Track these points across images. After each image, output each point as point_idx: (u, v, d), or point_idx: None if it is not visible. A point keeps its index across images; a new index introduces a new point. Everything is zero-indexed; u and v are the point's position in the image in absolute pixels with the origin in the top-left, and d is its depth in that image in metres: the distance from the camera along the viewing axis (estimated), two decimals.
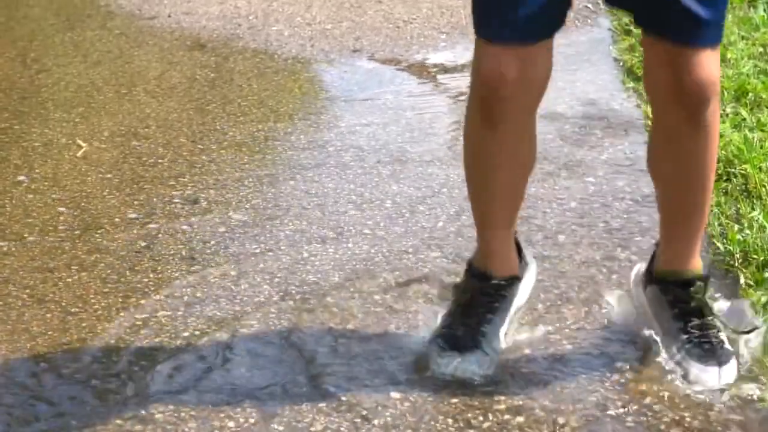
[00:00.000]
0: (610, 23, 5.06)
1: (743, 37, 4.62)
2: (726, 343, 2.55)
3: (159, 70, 4.78)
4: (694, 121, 2.42)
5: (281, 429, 2.41)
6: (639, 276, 2.71)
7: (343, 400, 2.49)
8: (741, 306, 2.68)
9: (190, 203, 3.49)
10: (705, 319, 2.57)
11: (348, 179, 3.63)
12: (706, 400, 2.45)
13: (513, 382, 2.54)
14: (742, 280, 2.87)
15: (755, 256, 2.95)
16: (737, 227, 3.10)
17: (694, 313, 2.57)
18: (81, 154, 3.88)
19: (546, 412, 2.44)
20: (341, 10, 5.56)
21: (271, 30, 5.28)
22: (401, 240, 3.21)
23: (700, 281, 2.59)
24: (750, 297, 2.76)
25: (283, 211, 3.42)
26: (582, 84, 4.42)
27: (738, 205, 3.25)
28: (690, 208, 2.55)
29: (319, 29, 5.28)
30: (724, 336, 2.57)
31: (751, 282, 2.86)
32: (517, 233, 2.69)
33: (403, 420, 2.43)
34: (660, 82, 2.41)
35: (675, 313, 2.58)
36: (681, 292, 2.58)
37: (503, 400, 2.48)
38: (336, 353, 2.67)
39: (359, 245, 3.19)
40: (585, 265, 3.03)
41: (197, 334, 2.77)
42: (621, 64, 4.59)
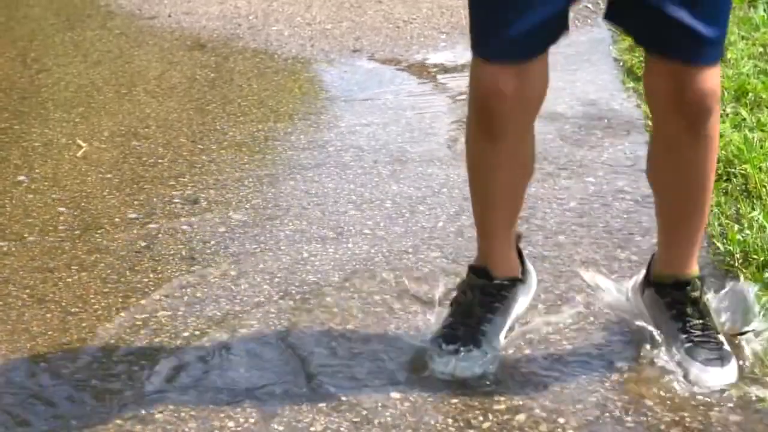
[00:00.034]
0: None
1: (743, 37, 4.62)
2: (726, 344, 2.55)
3: (159, 70, 4.78)
4: (694, 131, 2.41)
5: (281, 429, 2.41)
6: (637, 284, 2.71)
7: (343, 400, 2.49)
8: (741, 302, 2.67)
9: (190, 203, 3.49)
10: (704, 320, 2.57)
11: (348, 179, 3.63)
12: (706, 400, 2.45)
13: (513, 382, 2.54)
14: (742, 280, 2.86)
15: (755, 256, 2.94)
16: (737, 227, 3.10)
17: (692, 314, 2.56)
18: (81, 154, 3.88)
19: (546, 412, 2.44)
20: (341, 10, 5.56)
21: (271, 30, 5.29)
22: (401, 240, 3.21)
23: (696, 282, 2.59)
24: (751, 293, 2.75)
25: (283, 211, 3.42)
26: (582, 84, 4.42)
27: (738, 205, 3.25)
28: (689, 214, 2.54)
29: (319, 29, 5.28)
30: (723, 336, 2.57)
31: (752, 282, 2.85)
32: (520, 239, 2.70)
33: (403, 420, 2.42)
34: (660, 93, 2.40)
35: (673, 314, 2.58)
36: (678, 293, 2.58)
37: (503, 400, 2.48)
38: (336, 353, 2.66)
39: (359, 245, 3.19)
40: (585, 265, 3.02)
41: (197, 334, 2.77)
42: (621, 64, 4.59)
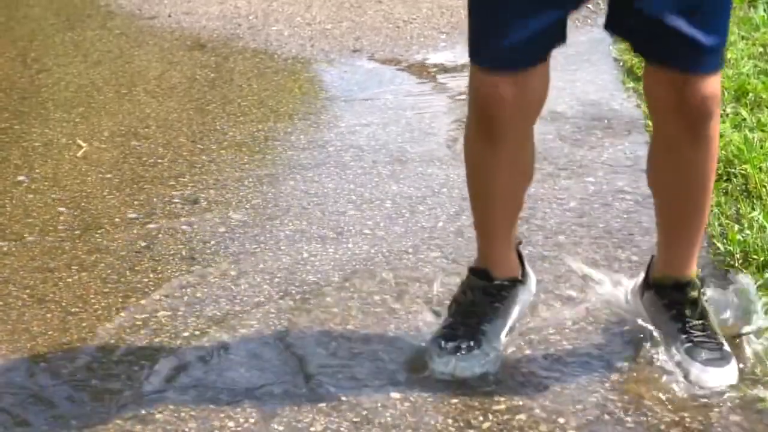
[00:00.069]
0: None
1: (743, 37, 4.62)
2: (726, 344, 2.55)
3: (159, 70, 4.78)
4: (694, 132, 2.41)
5: (281, 429, 2.41)
6: (636, 287, 2.71)
7: (343, 400, 2.49)
8: (742, 301, 2.68)
9: (190, 203, 3.49)
10: (704, 320, 2.56)
11: (348, 179, 3.63)
12: (706, 400, 2.45)
13: (513, 382, 2.54)
14: (742, 279, 2.86)
15: (755, 256, 2.94)
16: (737, 227, 3.10)
17: (691, 314, 2.56)
18: (81, 154, 3.88)
19: (546, 412, 2.44)
20: (341, 10, 5.56)
21: (271, 30, 5.29)
22: (401, 240, 3.21)
23: (696, 282, 2.59)
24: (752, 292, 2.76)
25: (283, 211, 3.42)
26: (582, 84, 4.42)
27: (738, 205, 3.25)
28: (689, 215, 2.54)
29: (319, 29, 5.28)
30: (723, 336, 2.57)
31: None
32: (520, 244, 2.70)
33: (403, 420, 2.42)
34: (660, 98, 2.40)
35: (672, 315, 2.58)
36: (677, 294, 2.58)
37: (503, 400, 2.48)
38: (336, 353, 2.66)
39: (359, 245, 3.19)
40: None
41: (197, 334, 2.77)
42: (621, 64, 4.59)
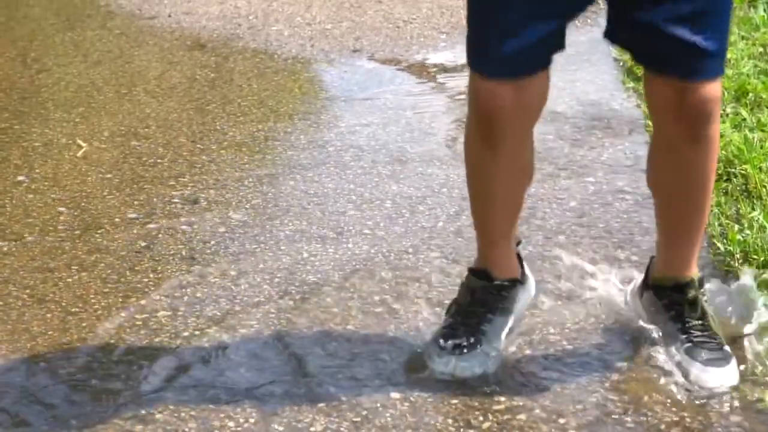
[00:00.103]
0: None
1: (743, 37, 4.62)
2: (726, 344, 2.55)
3: (159, 70, 4.78)
4: (694, 132, 2.41)
5: (281, 429, 2.41)
6: (635, 288, 2.71)
7: (343, 400, 2.49)
8: (743, 301, 2.68)
9: (190, 203, 3.49)
10: (704, 320, 2.56)
11: (348, 179, 3.63)
12: (706, 400, 2.45)
13: (513, 382, 2.54)
14: (742, 278, 2.86)
15: (755, 256, 2.94)
16: (737, 227, 3.10)
17: (691, 314, 2.56)
18: (81, 154, 3.88)
19: (546, 412, 2.44)
20: (341, 10, 5.56)
21: (271, 30, 5.28)
22: (401, 240, 3.21)
23: (695, 283, 2.59)
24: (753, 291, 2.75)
25: (283, 211, 3.42)
26: (582, 84, 4.42)
27: (738, 205, 3.25)
28: (689, 215, 2.54)
29: (319, 29, 5.28)
30: (723, 337, 2.57)
31: None
32: (520, 244, 2.70)
33: (403, 420, 2.42)
34: (660, 101, 2.40)
35: (672, 315, 2.58)
36: (677, 294, 2.58)
37: (503, 400, 2.48)
38: (336, 353, 2.66)
39: (359, 245, 3.19)
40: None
41: (197, 333, 2.77)
42: (621, 64, 4.59)
